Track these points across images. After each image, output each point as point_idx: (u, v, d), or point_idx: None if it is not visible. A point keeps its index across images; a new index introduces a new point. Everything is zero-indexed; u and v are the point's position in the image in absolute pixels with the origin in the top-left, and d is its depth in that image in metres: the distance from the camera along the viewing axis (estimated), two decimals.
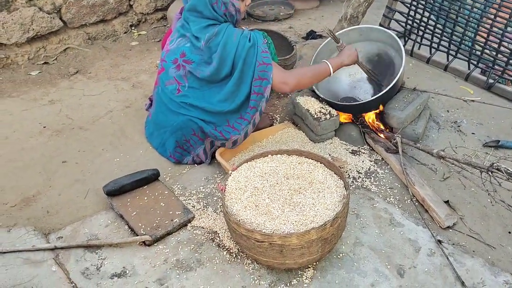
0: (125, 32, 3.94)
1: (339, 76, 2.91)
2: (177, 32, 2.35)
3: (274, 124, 2.74)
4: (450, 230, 2.04)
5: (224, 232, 1.96)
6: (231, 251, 1.90)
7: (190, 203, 2.14)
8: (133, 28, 4.00)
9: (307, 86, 2.50)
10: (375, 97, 2.52)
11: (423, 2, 3.32)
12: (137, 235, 1.94)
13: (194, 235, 1.97)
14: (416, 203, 2.16)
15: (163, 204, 2.09)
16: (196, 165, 2.42)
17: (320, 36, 3.91)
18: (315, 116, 2.48)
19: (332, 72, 2.38)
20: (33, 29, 3.37)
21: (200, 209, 2.11)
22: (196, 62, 2.25)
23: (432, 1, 3.20)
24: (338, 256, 1.87)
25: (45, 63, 3.43)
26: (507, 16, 2.84)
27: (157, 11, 4.11)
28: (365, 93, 2.84)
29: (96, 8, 3.67)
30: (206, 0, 2.18)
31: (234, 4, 2.24)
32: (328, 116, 2.48)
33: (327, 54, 2.85)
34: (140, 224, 1.98)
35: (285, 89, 2.31)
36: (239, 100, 2.26)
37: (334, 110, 2.54)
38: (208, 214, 2.08)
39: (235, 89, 2.26)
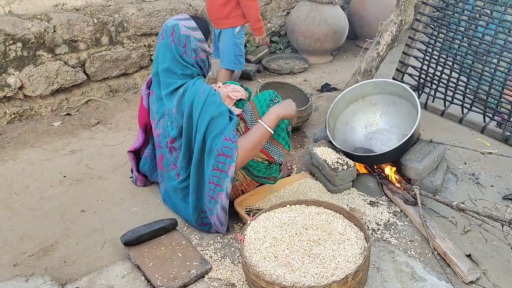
0: None
1: (355, 127, 2.95)
2: (155, 114, 2.29)
3: (292, 174, 2.75)
4: (474, 285, 1.98)
5: (242, 284, 1.93)
6: None
7: (207, 254, 2.12)
8: None
9: (252, 157, 2.16)
10: (391, 148, 2.53)
11: (436, 57, 3.40)
12: (154, 287, 1.91)
13: (211, 287, 1.94)
14: (438, 257, 2.11)
15: (180, 255, 2.07)
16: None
17: (335, 89, 4.00)
18: (333, 167, 2.49)
19: (271, 130, 2.10)
20: (58, 82, 3.51)
21: (218, 260, 2.09)
22: (177, 136, 2.19)
23: (452, 58, 3.27)
24: None
25: (68, 114, 3.54)
26: None
27: None
28: (381, 144, 2.86)
29: (118, 62, 3.83)
30: (174, 54, 2.10)
31: (204, 49, 2.16)
32: (345, 166, 2.49)
33: (343, 106, 2.91)
34: (157, 275, 1.96)
35: (238, 162, 2.05)
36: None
37: (351, 160, 2.55)
38: (226, 265, 2.05)
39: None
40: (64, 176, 2.76)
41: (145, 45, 3.99)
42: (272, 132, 2.11)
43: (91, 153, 3.03)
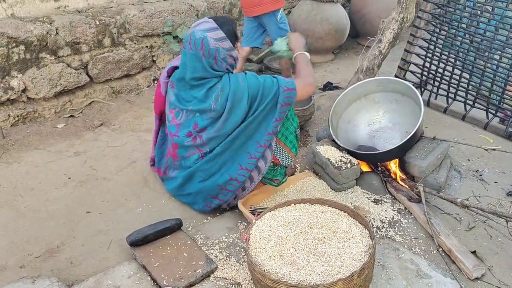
0: (148, 86, 4.09)
1: (358, 125, 2.95)
2: (175, 106, 2.33)
3: (295, 173, 2.75)
4: (479, 282, 1.98)
5: (248, 283, 1.93)
6: None
7: (212, 253, 2.13)
8: (155, 81, 4.15)
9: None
10: (395, 146, 2.54)
11: (438, 54, 3.40)
12: (160, 287, 1.92)
13: (217, 286, 1.95)
14: (443, 254, 2.12)
15: (186, 255, 2.08)
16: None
17: (337, 87, 4.00)
18: (336, 165, 2.49)
19: (307, 54, 2.45)
20: (61, 84, 3.52)
21: (223, 259, 2.10)
22: (209, 126, 2.25)
23: (454, 55, 3.26)
24: None
25: (71, 116, 3.55)
26: None
27: None
28: (384, 142, 2.87)
29: (121, 64, 3.84)
30: (205, 66, 2.17)
31: (232, 55, 2.25)
32: (349, 165, 2.50)
33: (346, 105, 2.91)
34: (163, 275, 1.97)
35: (311, 90, 2.34)
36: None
37: (354, 159, 2.56)
38: (231, 265, 2.06)
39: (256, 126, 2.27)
40: (69, 178, 2.78)
41: (147, 46, 4.00)
42: (309, 56, 2.43)
43: (95, 154, 3.04)
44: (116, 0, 3.93)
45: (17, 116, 3.37)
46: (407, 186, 2.52)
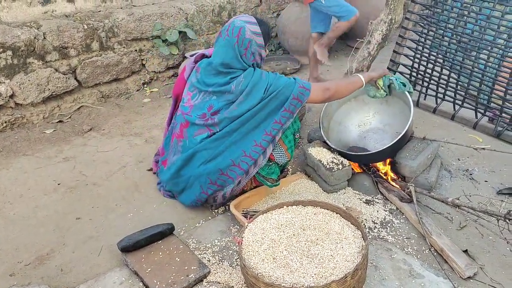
0: (137, 90, 4.06)
1: (349, 126, 2.96)
2: (195, 88, 2.41)
3: (287, 175, 2.75)
4: (471, 281, 1.99)
5: (241, 287, 1.92)
6: None
7: (205, 257, 2.12)
8: (145, 85, 4.13)
9: (344, 95, 2.51)
10: (385, 146, 2.55)
11: (426, 55, 3.42)
12: None
13: None
14: (435, 253, 2.12)
15: (178, 259, 2.06)
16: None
17: None
18: (328, 167, 2.49)
19: (364, 83, 2.50)
20: (49, 89, 3.49)
21: (216, 263, 2.08)
22: (222, 109, 2.30)
23: (443, 55, 3.29)
24: None
25: (60, 121, 3.52)
26: (511, 65, 2.92)
27: (168, 69, 4.26)
28: (375, 142, 2.87)
29: (110, 68, 3.81)
30: (236, 54, 2.27)
31: (261, 54, 2.35)
32: (340, 166, 2.50)
33: (336, 106, 2.92)
34: (155, 281, 1.95)
35: (327, 96, 2.38)
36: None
37: (346, 160, 2.56)
38: (224, 269, 2.04)
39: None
40: (58, 184, 2.74)
41: (136, 50, 3.98)
42: (364, 84, 2.51)
43: (85, 160, 3.01)
44: (104, 4, 3.90)
45: (5, 122, 3.33)
46: (398, 187, 2.53)
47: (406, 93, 2.65)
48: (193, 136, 2.36)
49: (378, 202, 2.49)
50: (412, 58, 3.54)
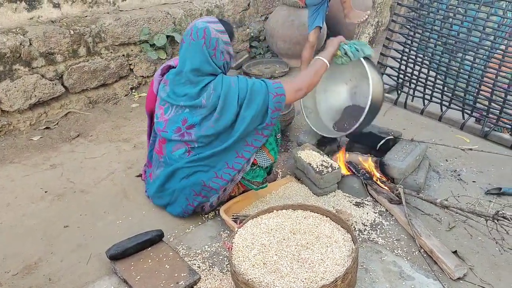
0: (125, 95, 4.03)
1: (336, 89, 2.97)
2: (165, 102, 2.34)
3: (277, 179, 2.75)
4: (461, 281, 2.00)
5: None
6: None
7: (195, 264, 2.10)
8: (133, 90, 4.10)
9: (315, 85, 2.42)
10: (355, 126, 2.56)
11: (413, 57, 3.45)
12: None
13: None
14: (425, 255, 2.13)
15: (168, 266, 2.05)
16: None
17: None
18: (317, 170, 2.49)
19: (328, 64, 2.43)
20: (36, 95, 3.45)
21: (206, 270, 2.07)
22: (198, 124, 2.25)
23: (429, 57, 3.31)
24: None
25: (47, 128, 3.48)
26: (496, 66, 2.95)
27: None
28: (364, 97, 2.77)
29: (97, 73, 3.78)
30: (206, 56, 2.20)
31: (229, 52, 2.30)
32: (330, 169, 2.50)
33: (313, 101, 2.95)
34: None
35: (301, 95, 2.34)
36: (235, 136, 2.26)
37: (335, 163, 2.56)
38: (215, 275, 2.03)
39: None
40: (46, 192, 2.71)
41: (123, 55, 3.96)
42: (329, 64, 2.43)
43: (72, 166, 2.98)
44: (90, 9, 3.87)
45: None
46: (387, 188, 2.54)
47: (362, 59, 2.59)
48: (171, 152, 2.33)
49: (367, 204, 2.50)
50: (399, 60, 3.57)
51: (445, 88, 3.32)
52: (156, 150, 2.45)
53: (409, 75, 3.53)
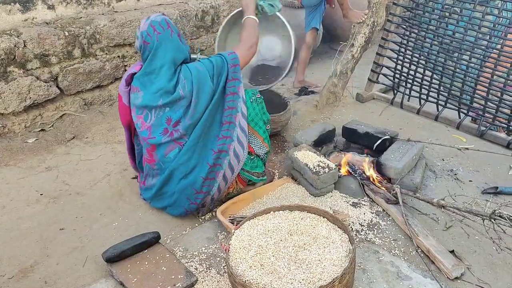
0: None
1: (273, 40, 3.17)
2: (143, 108, 2.31)
3: (274, 180, 2.74)
4: (459, 281, 2.00)
5: None
6: None
7: (192, 266, 2.09)
8: None
9: (257, 39, 2.55)
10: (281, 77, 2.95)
11: (409, 56, 3.45)
12: None
13: None
14: (422, 255, 2.13)
15: (165, 268, 2.04)
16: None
17: (312, 92, 4.02)
18: (314, 170, 2.49)
19: (256, 19, 2.57)
20: (30, 97, 3.43)
21: (203, 271, 2.06)
22: (182, 117, 2.26)
23: (425, 57, 3.32)
24: None
25: (42, 130, 3.46)
26: (492, 65, 2.96)
27: None
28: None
29: (92, 75, 3.77)
30: (176, 42, 2.28)
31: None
32: (327, 169, 2.50)
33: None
34: None
35: (254, 50, 2.48)
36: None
37: (332, 163, 2.56)
38: (212, 276, 2.02)
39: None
40: (41, 194, 2.69)
41: (118, 56, 3.94)
42: (257, 20, 2.57)
43: (68, 169, 2.96)
44: (85, 11, 3.85)
45: None
46: (384, 188, 2.54)
47: (278, 13, 2.82)
48: (164, 156, 2.32)
49: (364, 205, 2.49)
50: (395, 60, 3.57)
51: (441, 88, 3.32)
52: (146, 160, 2.42)
53: (405, 74, 3.53)
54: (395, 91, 3.66)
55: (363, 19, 3.52)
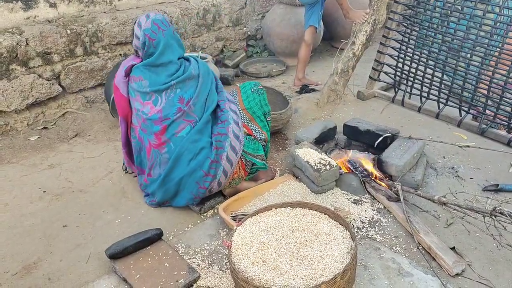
0: None
1: None
2: (151, 93, 2.37)
3: (275, 177, 2.75)
4: (460, 277, 2.01)
5: None
6: None
7: (195, 262, 2.11)
8: None
9: None
10: None
11: (410, 54, 3.46)
12: None
13: None
14: (423, 251, 2.14)
15: (167, 265, 2.05)
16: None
17: (313, 90, 4.02)
18: (316, 168, 2.50)
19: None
20: (33, 95, 3.44)
21: (206, 268, 2.08)
22: (194, 97, 2.39)
23: (426, 54, 3.32)
24: None
25: (44, 128, 3.47)
26: (493, 63, 2.96)
27: None
28: None
29: (94, 73, 3.78)
30: (178, 39, 2.44)
31: None
32: (328, 167, 2.51)
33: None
34: (144, 287, 1.93)
35: None
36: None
37: (333, 161, 2.57)
38: (214, 273, 2.04)
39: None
40: (44, 192, 2.71)
41: (120, 54, 3.95)
42: None
43: (71, 166, 2.98)
44: (87, 9, 3.86)
45: None
46: (385, 186, 2.55)
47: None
48: (176, 135, 2.36)
49: (366, 202, 2.50)
50: (396, 58, 3.57)
51: (442, 86, 3.33)
52: (153, 146, 2.41)
53: (406, 72, 3.54)
54: (396, 89, 3.67)
55: (366, 19, 3.51)
